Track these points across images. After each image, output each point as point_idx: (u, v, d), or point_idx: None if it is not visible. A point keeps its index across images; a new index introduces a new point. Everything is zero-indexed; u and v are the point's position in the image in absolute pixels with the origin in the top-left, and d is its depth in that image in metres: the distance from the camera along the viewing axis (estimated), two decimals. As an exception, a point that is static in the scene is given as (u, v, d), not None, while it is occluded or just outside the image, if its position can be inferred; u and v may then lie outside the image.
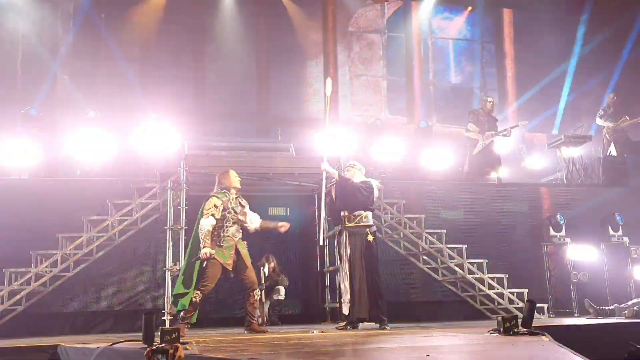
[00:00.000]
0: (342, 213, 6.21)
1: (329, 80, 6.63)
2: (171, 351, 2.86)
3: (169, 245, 7.11)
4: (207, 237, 5.77)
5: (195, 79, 12.39)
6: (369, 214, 6.19)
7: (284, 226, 6.16)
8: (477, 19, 14.06)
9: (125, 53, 11.84)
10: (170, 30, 12.35)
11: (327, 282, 8.19)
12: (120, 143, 9.48)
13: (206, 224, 5.80)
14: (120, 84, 11.65)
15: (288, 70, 12.77)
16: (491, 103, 9.98)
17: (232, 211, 5.94)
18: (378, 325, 5.97)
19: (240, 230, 6.04)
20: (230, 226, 5.92)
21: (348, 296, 6.04)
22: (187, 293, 5.83)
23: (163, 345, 2.90)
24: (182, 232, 7.09)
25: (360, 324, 6.09)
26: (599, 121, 10.24)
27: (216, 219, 5.84)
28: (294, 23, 12.99)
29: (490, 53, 14.11)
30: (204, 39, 12.62)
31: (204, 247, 5.77)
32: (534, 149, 12.13)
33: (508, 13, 14.22)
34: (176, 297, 5.99)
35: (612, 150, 10.06)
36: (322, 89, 12.87)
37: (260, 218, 6.20)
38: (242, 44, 12.59)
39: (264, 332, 5.89)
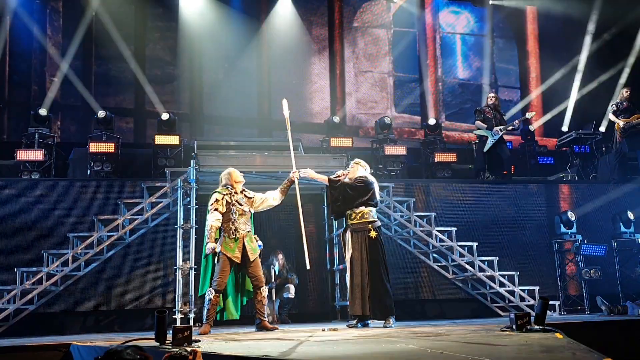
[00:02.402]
0: (347, 211, 6.20)
1: (284, 102, 6.47)
2: (190, 357, 2.84)
3: (180, 244, 7.12)
4: (212, 232, 5.89)
5: (192, 76, 11.93)
6: (372, 209, 6.13)
7: (294, 173, 6.17)
8: (486, 13, 13.62)
9: (119, 51, 11.30)
10: (166, 27, 11.95)
11: (337, 280, 8.19)
12: (128, 142, 9.50)
13: (211, 219, 5.94)
14: (113, 83, 11.32)
15: (290, 66, 12.34)
16: (494, 98, 9.93)
17: (237, 204, 6.01)
18: (382, 322, 5.95)
19: (249, 223, 6.08)
20: (236, 220, 5.97)
21: (350, 294, 6.05)
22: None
23: (180, 351, 2.88)
24: (192, 231, 7.11)
25: (371, 321, 6.07)
26: (611, 117, 10.12)
27: (222, 213, 5.94)
28: (296, 18, 12.58)
29: (499, 48, 13.77)
30: (200, 35, 12.00)
31: (207, 243, 5.88)
32: (544, 145, 12.03)
33: (532, 10, 13.61)
34: (203, 298, 6.12)
35: (624, 147, 9.97)
36: (326, 86, 12.65)
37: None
38: (242, 40, 12.12)
39: (274, 329, 5.91)
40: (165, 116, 9.62)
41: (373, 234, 6.00)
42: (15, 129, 10.64)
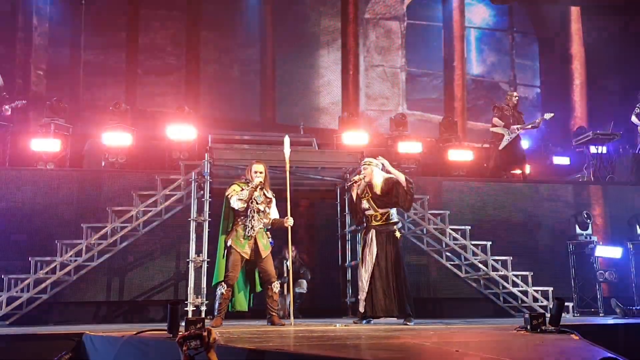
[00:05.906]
0: (369, 212, 6.18)
1: (286, 138, 6.39)
2: (205, 334, 2.90)
3: (193, 236, 7.13)
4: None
5: (189, 70, 11.42)
6: (394, 210, 6.23)
7: (287, 220, 6.11)
8: (505, 7, 13.17)
9: (110, 41, 11.00)
10: (161, 15, 11.52)
11: (349, 276, 8.16)
12: (144, 135, 9.50)
13: (234, 200, 5.94)
14: (105, 74, 10.96)
15: (296, 59, 11.93)
16: (516, 98, 9.84)
17: (254, 201, 5.99)
18: (402, 320, 5.97)
19: (262, 220, 6.07)
20: (253, 216, 5.96)
21: (365, 294, 6.04)
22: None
23: (195, 330, 2.95)
24: (206, 224, 7.11)
25: (376, 319, 6.11)
26: (634, 119, 9.99)
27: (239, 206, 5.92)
28: (305, 8, 12.19)
29: (516, 43, 13.43)
30: (200, 24, 11.64)
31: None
32: (560, 145, 11.87)
33: (576, 10, 12.68)
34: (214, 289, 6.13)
35: (643, 149, 9.84)
36: (334, 81, 12.26)
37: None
38: (245, 31, 11.73)
39: (282, 324, 5.91)
40: (179, 109, 9.61)
41: (398, 234, 6.10)
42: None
